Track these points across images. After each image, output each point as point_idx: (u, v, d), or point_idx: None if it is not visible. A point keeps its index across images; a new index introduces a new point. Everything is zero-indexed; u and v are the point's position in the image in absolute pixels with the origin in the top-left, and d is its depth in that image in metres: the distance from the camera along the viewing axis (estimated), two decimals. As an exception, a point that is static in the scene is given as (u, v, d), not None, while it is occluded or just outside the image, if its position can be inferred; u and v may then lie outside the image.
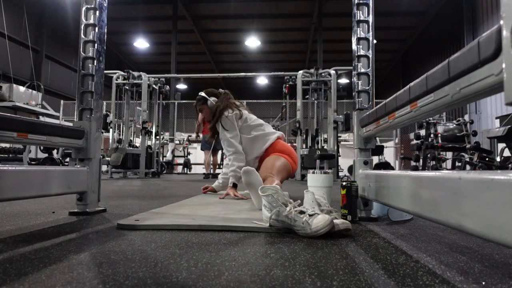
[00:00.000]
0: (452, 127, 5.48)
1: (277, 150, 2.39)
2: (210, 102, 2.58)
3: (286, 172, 2.29)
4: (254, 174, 1.88)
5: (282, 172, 2.23)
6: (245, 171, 1.87)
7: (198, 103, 2.68)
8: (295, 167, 2.42)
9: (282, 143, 2.50)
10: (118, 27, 14.00)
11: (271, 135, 2.47)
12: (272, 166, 2.23)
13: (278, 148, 2.40)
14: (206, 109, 2.64)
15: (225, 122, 2.43)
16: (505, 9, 0.51)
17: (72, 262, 0.81)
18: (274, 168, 2.21)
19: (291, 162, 2.35)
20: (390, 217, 1.49)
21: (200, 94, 2.66)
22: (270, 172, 2.17)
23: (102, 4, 1.73)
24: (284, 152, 2.38)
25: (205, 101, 2.61)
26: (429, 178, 0.82)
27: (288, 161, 2.33)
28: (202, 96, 2.64)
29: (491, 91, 0.61)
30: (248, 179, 1.86)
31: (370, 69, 1.65)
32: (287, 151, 2.41)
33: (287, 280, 0.69)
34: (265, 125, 2.56)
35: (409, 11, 12.23)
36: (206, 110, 2.64)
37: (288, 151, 2.42)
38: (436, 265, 0.82)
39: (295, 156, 2.44)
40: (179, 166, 11.25)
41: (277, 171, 2.20)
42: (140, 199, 2.38)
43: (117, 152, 6.08)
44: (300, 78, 6.42)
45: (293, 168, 2.39)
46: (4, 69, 9.49)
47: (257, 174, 1.91)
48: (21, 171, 1.22)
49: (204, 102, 2.63)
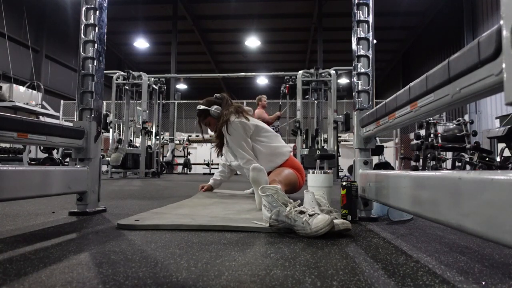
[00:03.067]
0: (452, 127, 5.48)
1: (289, 165, 2.29)
2: (213, 111, 2.33)
3: (292, 186, 2.20)
4: (262, 173, 1.84)
5: (289, 184, 2.14)
6: (254, 167, 1.80)
7: (200, 118, 2.41)
8: (301, 183, 2.33)
9: (293, 158, 2.39)
10: (118, 27, 13.99)
11: (286, 149, 2.34)
12: (281, 175, 2.15)
13: (289, 163, 2.30)
14: (212, 121, 2.39)
15: (233, 128, 2.21)
16: (505, 9, 0.51)
17: (72, 262, 0.81)
18: (283, 177, 2.13)
19: (299, 179, 2.28)
20: (390, 217, 1.49)
21: (198, 107, 2.38)
22: (278, 179, 2.09)
23: (102, 4, 1.73)
24: (295, 168, 2.29)
25: (208, 113, 2.36)
26: (429, 178, 0.82)
27: (297, 177, 2.25)
28: (202, 109, 2.36)
29: (491, 91, 0.61)
30: (255, 176, 1.82)
31: (370, 69, 1.65)
32: (297, 167, 2.32)
33: (287, 280, 0.69)
34: (278, 136, 2.41)
35: (409, 11, 12.23)
36: (212, 121, 2.39)
37: (298, 167, 2.33)
38: (436, 265, 0.82)
39: (303, 173, 2.35)
40: (179, 166, 11.25)
41: (285, 180, 2.11)
42: (140, 199, 2.38)
43: (117, 152, 6.08)
44: (300, 78, 6.42)
45: (300, 184, 2.30)
46: (4, 69, 9.49)
47: (265, 173, 1.88)
48: (21, 171, 1.22)
49: (207, 115, 2.37)
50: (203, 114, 2.38)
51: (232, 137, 2.24)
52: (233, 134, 2.22)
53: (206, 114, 2.37)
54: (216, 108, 2.33)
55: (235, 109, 2.29)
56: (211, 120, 2.38)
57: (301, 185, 2.32)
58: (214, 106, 2.34)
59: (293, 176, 2.21)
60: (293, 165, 2.32)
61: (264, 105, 6.03)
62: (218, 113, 2.33)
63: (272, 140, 2.33)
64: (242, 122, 2.23)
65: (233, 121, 2.22)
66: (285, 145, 2.40)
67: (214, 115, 2.34)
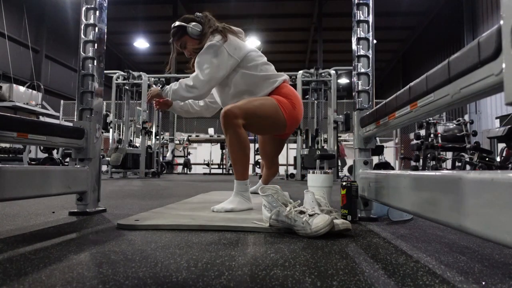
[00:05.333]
0: (452, 127, 5.49)
1: (282, 94, 1.86)
2: (191, 28, 1.85)
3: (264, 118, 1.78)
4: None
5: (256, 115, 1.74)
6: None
7: (175, 37, 1.90)
8: (290, 122, 1.86)
9: (289, 87, 1.94)
10: (118, 27, 13.99)
11: (278, 77, 1.90)
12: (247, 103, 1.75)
13: (283, 92, 1.87)
14: (189, 41, 1.89)
15: (210, 47, 1.75)
16: (505, 9, 0.51)
17: (72, 262, 0.81)
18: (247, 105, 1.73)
19: (284, 112, 1.81)
20: (390, 217, 1.49)
21: (174, 25, 1.90)
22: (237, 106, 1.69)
23: (102, 4, 1.73)
24: (288, 96, 1.86)
25: (185, 30, 1.87)
26: (429, 178, 0.82)
27: (279, 109, 1.80)
28: (178, 25, 1.88)
29: (491, 91, 0.62)
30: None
31: (370, 69, 1.65)
32: (291, 95, 1.87)
33: (287, 280, 0.69)
34: (269, 65, 1.95)
35: (409, 11, 12.23)
36: (190, 42, 1.89)
37: (292, 95, 1.88)
38: (436, 265, 0.82)
39: (297, 105, 1.88)
40: (179, 166, 11.25)
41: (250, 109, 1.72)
42: (140, 199, 2.38)
43: (117, 152, 6.08)
44: (300, 78, 6.42)
45: (287, 121, 1.84)
46: (4, 69, 9.48)
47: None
48: (21, 171, 1.22)
49: (184, 33, 1.88)
50: (179, 32, 1.89)
51: (201, 54, 1.78)
52: (205, 52, 1.76)
53: (183, 32, 1.88)
54: (195, 25, 1.86)
55: (222, 28, 1.84)
56: (188, 40, 1.89)
57: (289, 123, 1.86)
58: (192, 23, 1.87)
59: (270, 107, 1.79)
60: (288, 93, 1.88)
61: None
62: (198, 31, 1.86)
63: (267, 67, 1.91)
64: (220, 44, 1.75)
65: (212, 41, 1.76)
66: (281, 74, 1.94)
67: (193, 33, 1.86)
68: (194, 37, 1.88)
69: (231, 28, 1.88)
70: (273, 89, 1.87)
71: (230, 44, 1.78)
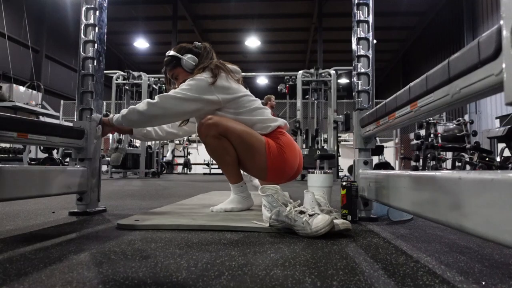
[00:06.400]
0: (452, 127, 5.49)
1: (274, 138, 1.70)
2: (185, 61, 1.72)
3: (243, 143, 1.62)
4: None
5: (234, 132, 1.60)
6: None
7: (168, 66, 1.78)
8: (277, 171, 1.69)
9: (286, 135, 1.76)
10: (118, 27, 13.99)
11: (273, 122, 1.73)
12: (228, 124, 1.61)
13: (276, 137, 1.71)
14: (182, 74, 1.76)
15: (192, 81, 1.59)
16: (505, 9, 0.51)
17: (72, 262, 0.81)
18: (227, 125, 1.59)
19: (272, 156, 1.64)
20: (390, 217, 1.49)
21: (168, 53, 1.78)
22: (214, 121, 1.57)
23: (102, 4, 1.73)
24: (279, 142, 1.69)
25: (178, 62, 1.75)
26: (429, 178, 0.82)
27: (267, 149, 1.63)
28: (172, 55, 1.75)
29: (491, 91, 0.61)
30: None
31: (370, 69, 1.65)
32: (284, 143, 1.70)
33: (287, 280, 0.69)
34: (264, 109, 1.77)
35: (409, 11, 12.23)
36: (182, 75, 1.76)
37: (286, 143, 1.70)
38: (436, 265, 0.82)
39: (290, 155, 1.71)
40: (179, 166, 11.25)
41: (228, 125, 1.59)
42: (140, 199, 2.38)
43: (117, 152, 6.08)
44: (300, 78, 6.43)
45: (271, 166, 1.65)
46: (4, 69, 9.48)
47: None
48: (21, 171, 1.22)
49: (177, 65, 1.75)
50: (172, 62, 1.77)
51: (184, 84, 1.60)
52: (187, 81, 1.60)
53: (177, 63, 1.76)
54: (190, 58, 1.73)
55: (215, 66, 1.67)
56: (180, 72, 1.77)
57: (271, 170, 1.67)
58: (188, 55, 1.74)
59: (256, 139, 1.64)
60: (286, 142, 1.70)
61: (272, 105, 6.03)
62: (192, 65, 1.73)
63: (260, 111, 1.74)
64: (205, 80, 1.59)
65: (199, 77, 1.61)
66: (273, 119, 1.76)
67: (187, 66, 1.73)
68: (188, 70, 1.74)
69: (226, 67, 1.71)
70: (265, 134, 1.71)
71: (217, 86, 1.61)
